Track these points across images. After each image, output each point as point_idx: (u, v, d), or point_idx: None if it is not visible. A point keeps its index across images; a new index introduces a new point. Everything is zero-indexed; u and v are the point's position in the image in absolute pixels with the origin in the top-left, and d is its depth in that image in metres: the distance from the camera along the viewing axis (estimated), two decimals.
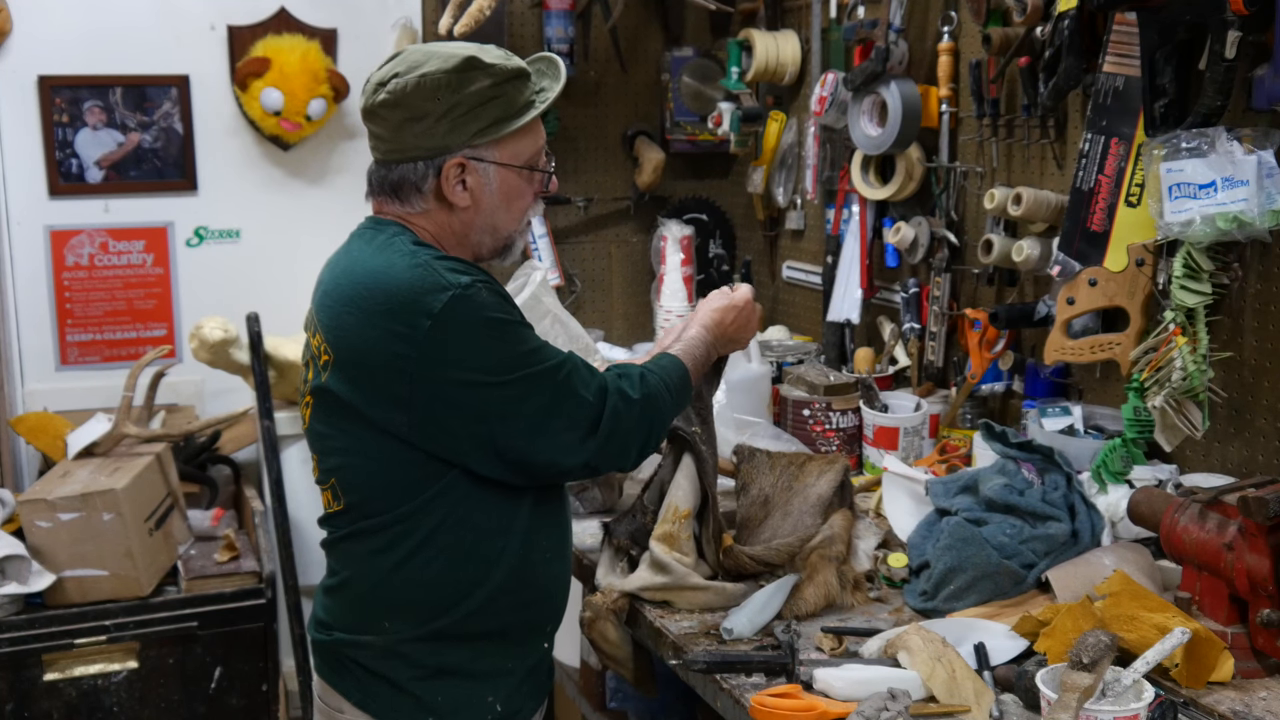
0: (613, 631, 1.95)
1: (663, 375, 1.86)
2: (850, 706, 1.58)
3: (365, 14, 3.58)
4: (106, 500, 2.81)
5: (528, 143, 1.79)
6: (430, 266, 1.69)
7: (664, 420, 1.86)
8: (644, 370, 1.85)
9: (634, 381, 1.80)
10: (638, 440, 1.80)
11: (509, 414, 1.69)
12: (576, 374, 1.74)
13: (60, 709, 2.90)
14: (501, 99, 1.73)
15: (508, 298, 1.74)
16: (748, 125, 3.34)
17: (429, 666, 1.77)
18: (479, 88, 1.71)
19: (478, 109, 1.72)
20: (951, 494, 2.05)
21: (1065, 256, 2.32)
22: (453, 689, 1.78)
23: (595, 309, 3.74)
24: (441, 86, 1.70)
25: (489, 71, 1.72)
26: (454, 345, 1.66)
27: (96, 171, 3.40)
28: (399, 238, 1.76)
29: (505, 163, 1.77)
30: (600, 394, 1.75)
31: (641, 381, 1.81)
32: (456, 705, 1.79)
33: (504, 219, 1.82)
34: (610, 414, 1.74)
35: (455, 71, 1.70)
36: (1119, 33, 2.20)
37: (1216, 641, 1.63)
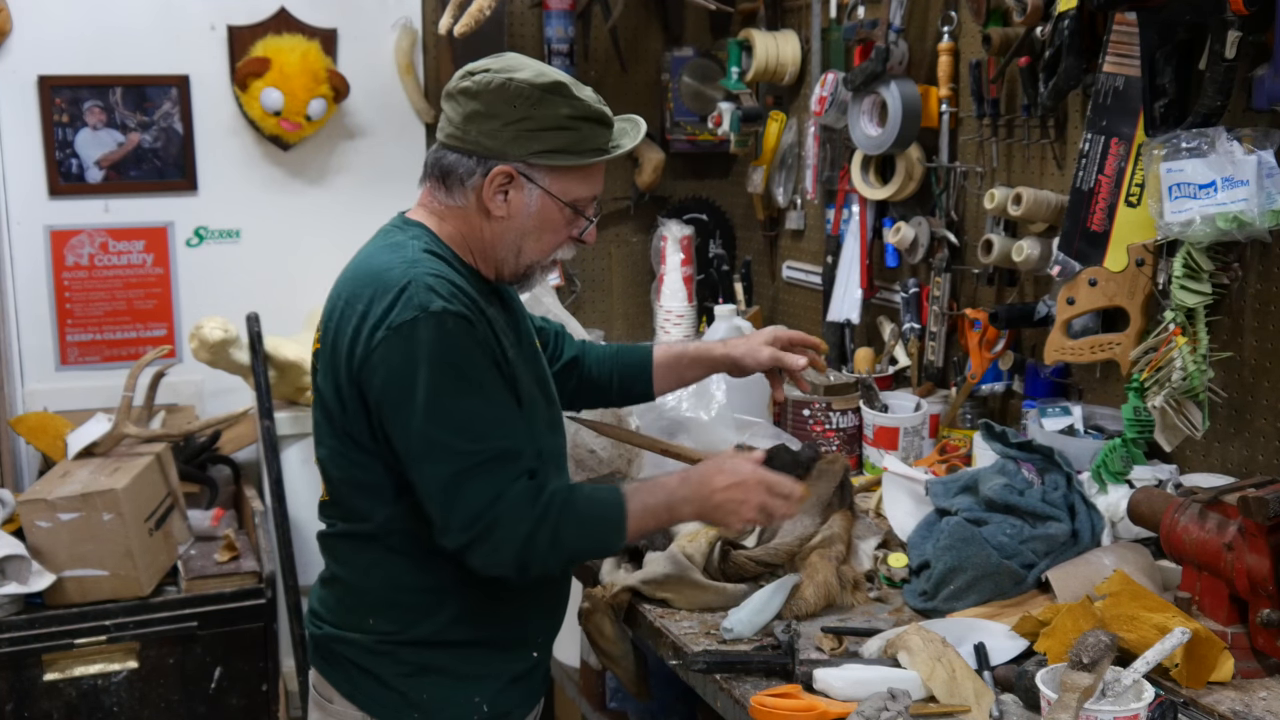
0: (609, 626, 1.95)
1: (588, 508, 1.74)
2: (850, 706, 1.58)
3: (365, 14, 3.57)
4: (106, 500, 2.81)
5: (582, 185, 1.80)
6: (419, 281, 1.67)
7: (557, 547, 1.70)
8: (572, 497, 1.73)
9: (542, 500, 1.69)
10: (510, 555, 1.68)
11: (409, 459, 1.68)
12: (491, 470, 1.65)
13: (60, 709, 2.90)
14: (574, 132, 1.75)
15: (483, 347, 1.69)
16: (748, 125, 3.34)
17: (413, 665, 1.79)
18: (557, 112, 1.73)
19: (548, 131, 1.73)
20: (951, 494, 2.05)
21: (1065, 256, 2.32)
22: (438, 687, 1.80)
23: (595, 309, 3.74)
24: (523, 96, 1.72)
25: (573, 103, 1.74)
26: (396, 365, 1.65)
27: (96, 171, 3.40)
28: (415, 240, 1.77)
29: (553, 193, 1.77)
30: (493, 504, 1.65)
31: (550, 506, 1.69)
32: (441, 703, 1.80)
33: (532, 245, 1.80)
34: (483, 528, 1.66)
35: (542, 88, 1.72)
36: (1119, 33, 2.20)
37: (1216, 641, 1.63)
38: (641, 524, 1.78)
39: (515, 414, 1.73)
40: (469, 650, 1.80)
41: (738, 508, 1.79)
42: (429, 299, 1.65)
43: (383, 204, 2.16)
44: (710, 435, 2.53)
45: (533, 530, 1.68)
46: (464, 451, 1.65)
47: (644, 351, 2.18)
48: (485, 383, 1.69)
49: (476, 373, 1.68)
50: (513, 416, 1.72)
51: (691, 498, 1.79)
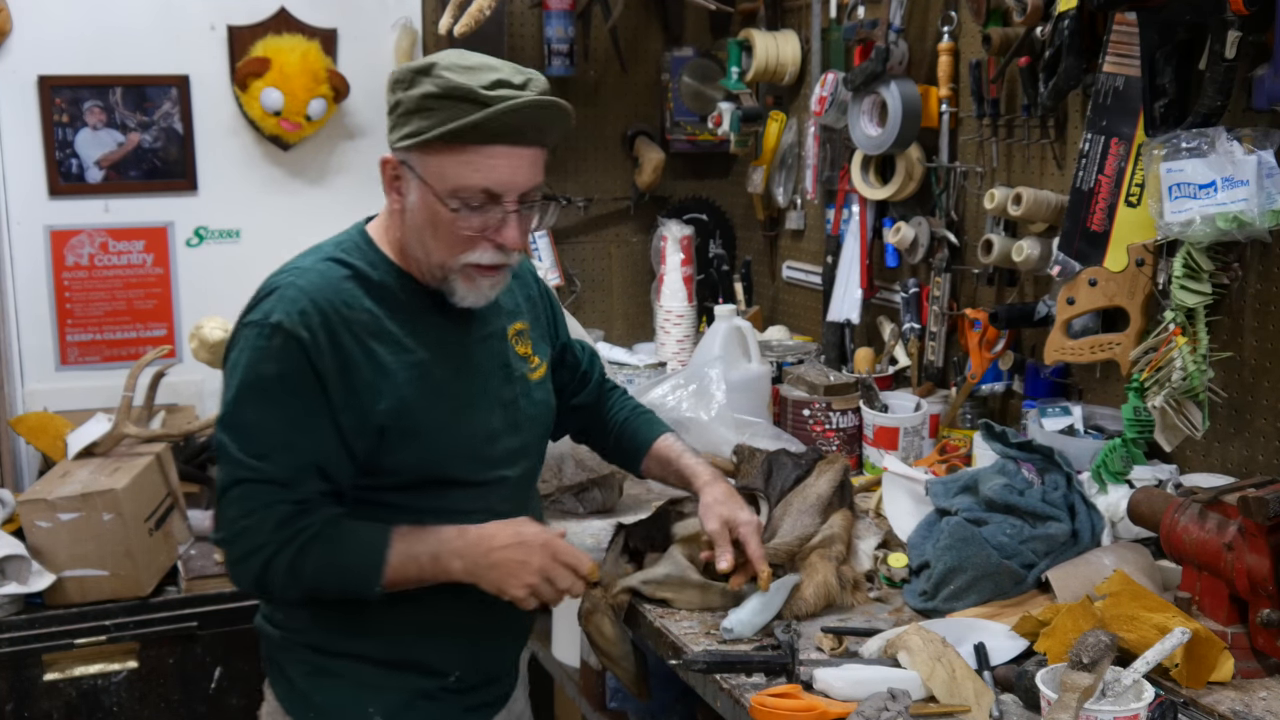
0: (609, 627, 1.94)
1: (343, 546, 1.68)
2: (850, 706, 1.58)
3: (365, 14, 3.57)
4: (106, 500, 2.81)
5: (458, 171, 1.65)
6: (285, 287, 1.68)
7: (296, 577, 1.68)
8: (330, 531, 1.68)
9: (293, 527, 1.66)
10: (248, 572, 1.69)
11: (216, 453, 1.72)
12: (260, 489, 1.65)
13: (60, 709, 2.90)
14: (434, 112, 1.63)
15: (305, 370, 1.64)
16: (748, 125, 3.34)
17: (313, 665, 1.81)
18: (420, 92, 1.64)
19: (412, 115, 1.65)
20: (951, 494, 2.05)
21: (1065, 256, 2.32)
22: (334, 692, 1.80)
23: (595, 309, 3.74)
24: (399, 82, 1.68)
25: (436, 80, 1.63)
26: (230, 362, 1.71)
27: (96, 171, 3.40)
28: (344, 237, 1.80)
29: (428, 181, 1.67)
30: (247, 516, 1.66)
31: (299, 534, 1.66)
32: (335, 708, 1.81)
33: (433, 245, 1.71)
34: (235, 534, 1.68)
35: (414, 71, 1.66)
36: (1119, 33, 2.20)
37: (1216, 641, 1.63)
38: (403, 572, 1.69)
39: (307, 443, 1.67)
40: (366, 663, 1.79)
41: (516, 570, 1.69)
42: (274, 308, 1.66)
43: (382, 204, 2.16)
44: (710, 435, 2.53)
45: (272, 555, 1.66)
46: (241, 463, 1.66)
47: (651, 435, 2.10)
48: (287, 404, 1.65)
49: (280, 392, 1.65)
50: (302, 445, 1.66)
51: (465, 552, 1.70)
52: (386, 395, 1.70)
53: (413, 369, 1.73)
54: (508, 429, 1.84)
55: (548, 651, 2.96)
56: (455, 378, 1.78)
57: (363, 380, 1.69)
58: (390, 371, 1.71)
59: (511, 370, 1.88)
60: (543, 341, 1.99)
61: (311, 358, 1.65)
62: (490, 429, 1.82)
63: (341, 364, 1.67)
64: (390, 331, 1.72)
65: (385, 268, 1.76)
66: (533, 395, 1.91)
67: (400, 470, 1.74)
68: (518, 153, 1.67)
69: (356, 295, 1.71)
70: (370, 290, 1.73)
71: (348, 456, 1.70)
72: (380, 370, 1.70)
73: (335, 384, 1.67)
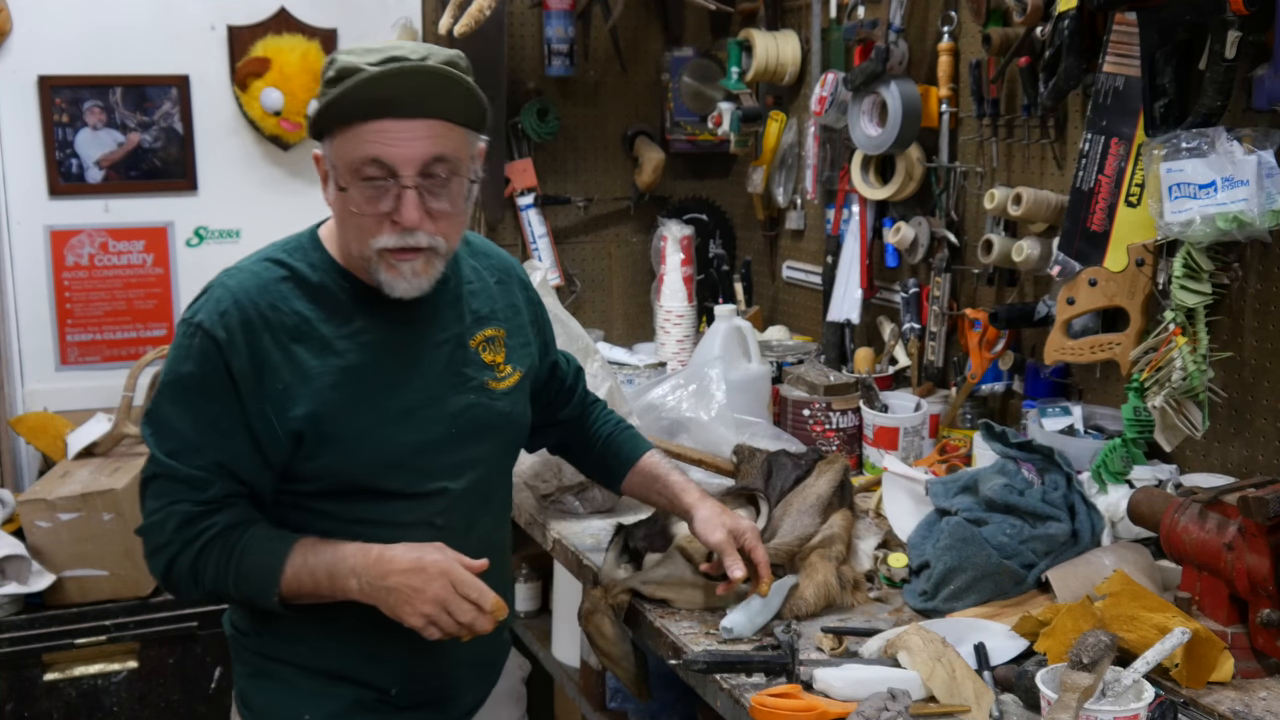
0: (609, 627, 1.94)
1: (245, 552, 1.66)
2: (850, 706, 1.58)
3: (365, 14, 3.57)
4: (106, 500, 2.81)
5: (350, 148, 1.62)
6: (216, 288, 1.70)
7: (198, 579, 1.67)
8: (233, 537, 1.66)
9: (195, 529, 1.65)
10: (157, 570, 1.70)
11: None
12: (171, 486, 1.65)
13: (60, 709, 2.90)
14: (328, 99, 1.61)
15: (220, 373, 1.64)
16: (748, 125, 3.34)
17: (254, 667, 1.81)
18: (323, 80, 1.64)
19: (319, 105, 1.63)
20: (951, 494, 2.05)
21: (1065, 256, 2.32)
22: (270, 694, 1.80)
23: (595, 309, 3.74)
24: (321, 74, 1.67)
25: (334, 64, 1.63)
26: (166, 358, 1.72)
27: (96, 171, 3.40)
28: (293, 236, 1.79)
29: (334, 166, 1.65)
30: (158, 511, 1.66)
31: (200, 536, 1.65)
32: (270, 710, 1.80)
33: (349, 234, 1.68)
34: (144, 528, 1.69)
35: (328, 62, 1.66)
36: (1119, 33, 2.20)
37: (1216, 641, 1.63)
38: (300, 584, 1.65)
39: (221, 447, 1.65)
40: (303, 670, 1.77)
41: (411, 597, 1.60)
42: (201, 308, 1.68)
43: None
44: (710, 435, 2.53)
45: (175, 555, 1.66)
46: (155, 459, 1.67)
47: (636, 453, 2.08)
48: (200, 406, 1.65)
49: (195, 393, 1.65)
50: (213, 447, 1.65)
51: (362, 571, 1.63)
52: (304, 400, 1.66)
53: (338, 374, 1.69)
54: (453, 440, 1.77)
55: (548, 651, 2.96)
56: (392, 384, 1.73)
57: (279, 384, 1.66)
58: (311, 376, 1.67)
59: (466, 379, 1.80)
60: (523, 351, 1.91)
61: (226, 359, 1.64)
62: (429, 438, 1.75)
63: (257, 367, 1.65)
64: (319, 335, 1.69)
65: (326, 269, 1.73)
66: (492, 405, 1.83)
67: (321, 478, 1.70)
68: (408, 125, 1.61)
69: (287, 297, 1.69)
70: (307, 292, 1.70)
71: (262, 461, 1.67)
72: (300, 374, 1.67)
73: (249, 387, 1.65)
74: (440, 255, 1.70)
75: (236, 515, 1.68)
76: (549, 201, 3.59)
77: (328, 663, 1.77)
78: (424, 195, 1.64)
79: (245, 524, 1.68)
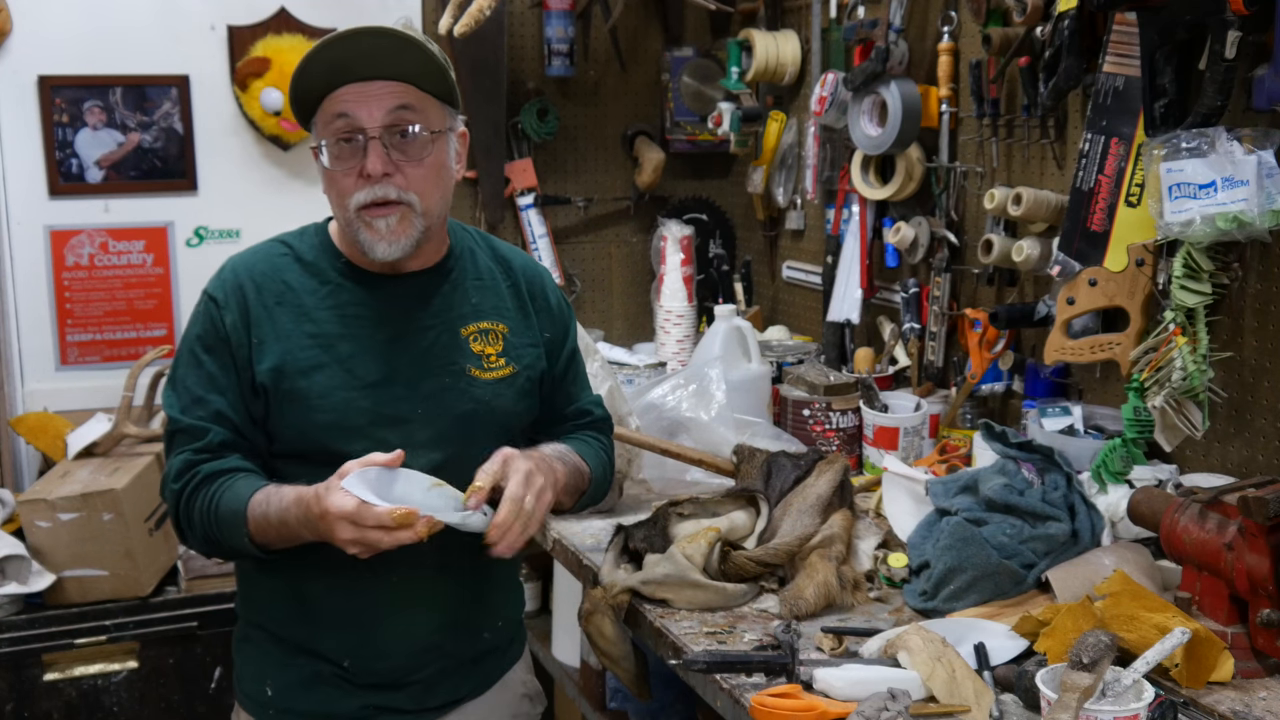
0: (609, 627, 1.94)
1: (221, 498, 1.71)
2: (850, 706, 1.58)
3: (365, 14, 3.57)
4: (106, 500, 2.81)
5: (321, 118, 1.76)
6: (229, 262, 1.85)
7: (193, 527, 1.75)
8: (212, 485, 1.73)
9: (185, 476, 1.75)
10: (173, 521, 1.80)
11: None
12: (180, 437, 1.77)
13: (60, 709, 2.90)
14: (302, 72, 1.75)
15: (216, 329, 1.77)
16: (748, 125, 3.34)
17: (241, 633, 1.92)
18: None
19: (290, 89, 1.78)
20: (951, 494, 2.05)
21: (1065, 256, 2.32)
22: (247, 661, 1.90)
23: (595, 309, 3.74)
24: None
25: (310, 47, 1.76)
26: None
27: (96, 171, 3.40)
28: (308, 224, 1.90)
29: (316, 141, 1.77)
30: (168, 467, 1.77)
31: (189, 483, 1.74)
32: (245, 675, 1.90)
33: (333, 203, 1.79)
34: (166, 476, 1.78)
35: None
36: (1119, 33, 2.20)
37: (1216, 641, 1.63)
38: (265, 524, 1.69)
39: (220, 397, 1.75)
40: (266, 638, 1.86)
41: (331, 538, 1.62)
42: (212, 278, 1.83)
43: None
44: (710, 435, 2.53)
45: (175, 503, 1.76)
46: (172, 416, 1.78)
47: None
48: (201, 361, 1.77)
49: (201, 351, 1.78)
50: (215, 399, 1.75)
51: (296, 517, 1.67)
52: (272, 356, 1.76)
53: (309, 338, 1.78)
54: (421, 420, 1.80)
55: (548, 651, 2.96)
56: (365, 356, 1.79)
57: (257, 339, 1.77)
58: (284, 335, 1.77)
59: (447, 362, 1.83)
60: (526, 349, 1.91)
61: (221, 315, 1.77)
62: (395, 413, 1.79)
63: (244, 323, 1.77)
64: (300, 303, 1.79)
65: (323, 250, 1.84)
66: (470, 391, 1.84)
67: (282, 437, 1.78)
68: (368, 86, 1.72)
69: (281, 269, 1.82)
70: (302, 267, 1.82)
71: (248, 415, 1.77)
72: (275, 333, 1.77)
73: (237, 340, 1.76)
74: (416, 213, 1.75)
75: (224, 464, 1.75)
76: (549, 201, 3.59)
77: (292, 632, 1.84)
78: (390, 150, 1.72)
79: (231, 472, 1.75)
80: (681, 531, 2.05)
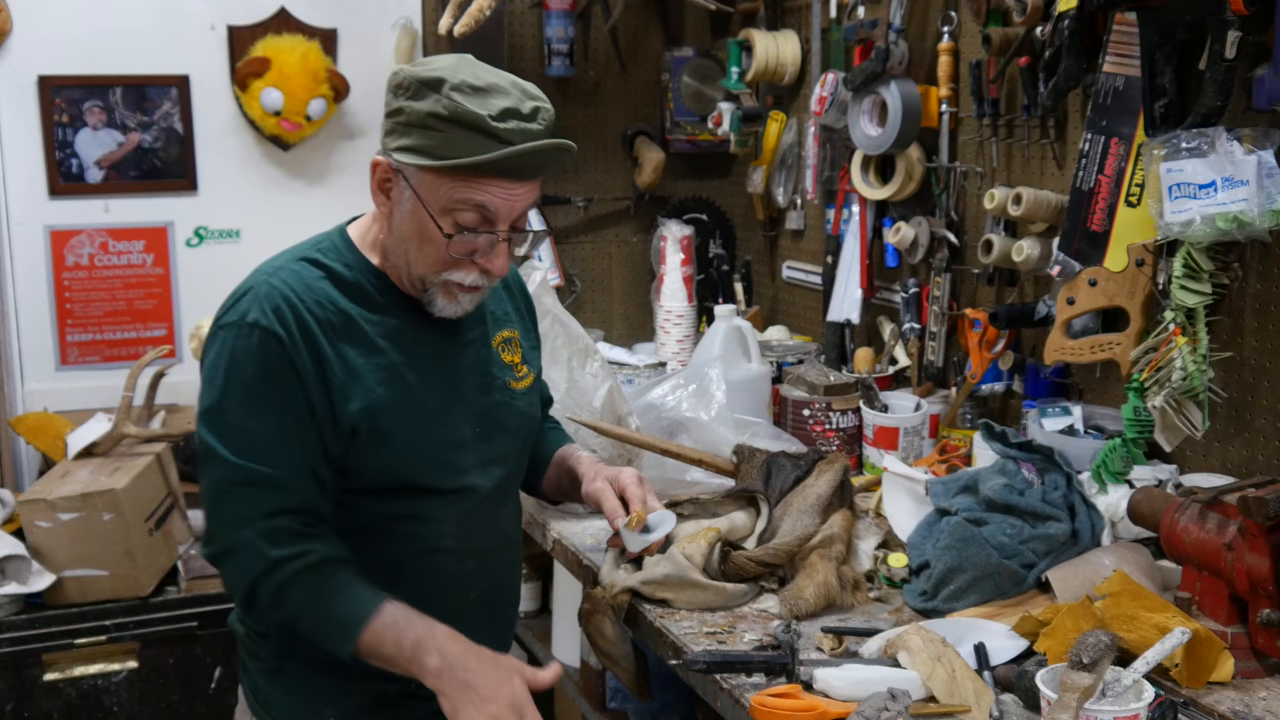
0: (609, 627, 1.94)
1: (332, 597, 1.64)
2: (850, 706, 1.58)
3: (365, 14, 3.58)
4: (106, 500, 2.81)
5: (455, 196, 1.64)
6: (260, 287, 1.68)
7: (278, 609, 1.66)
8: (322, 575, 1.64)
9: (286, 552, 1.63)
10: (238, 589, 1.67)
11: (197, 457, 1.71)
12: (254, 492, 1.63)
13: (60, 709, 2.90)
14: (438, 133, 1.62)
15: (285, 368, 1.64)
16: (748, 125, 3.34)
17: (274, 664, 1.80)
18: (426, 109, 1.62)
19: (415, 127, 1.63)
20: (951, 494, 2.05)
21: (1065, 256, 2.32)
22: (289, 691, 1.80)
23: (595, 309, 3.74)
24: (402, 88, 1.65)
25: (443, 102, 1.61)
26: (206, 364, 1.69)
27: (96, 171, 3.40)
28: (322, 237, 1.78)
29: (421, 196, 1.66)
30: (244, 526, 1.64)
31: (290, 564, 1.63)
32: (289, 707, 1.80)
33: (415, 256, 1.70)
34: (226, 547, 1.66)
35: (421, 81, 1.63)
36: (1119, 33, 2.20)
37: (1216, 641, 1.63)
38: (379, 641, 1.63)
39: (295, 443, 1.65)
40: (325, 666, 1.73)
41: (479, 701, 1.60)
42: (250, 307, 1.66)
43: None
44: (710, 435, 2.52)
45: (260, 576, 1.64)
46: (230, 464, 1.64)
47: (553, 446, 2.11)
48: (270, 404, 1.64)
49: (263, 392, 1.65)
50: (290, 444, 1.65)
51: (447, 651, 1.63)
52: (357, 396, 1.68)
53: (383, 371, 1.71)
54: (479, 438, 1.81)
55: (548, 651, 2.96)
56: (428, 382, 1.75)
57: (335, 380, 1.67)
58: (360, 374, 1.69)
59: (492, 378, 1.85)
60: (533, 354, 1.96)
61: (290, 355, 1.65)
62: (460, 437, 1.79)
63: (316, 362, 1.66)
64: (363, 333, 1.71)
65: (361, 268, 1.75)
66: (514, 405, 1.88)
67: (367, 473, 1.71)
68: (518, 185, 1.67)
69: (330, 295, 1.71)
70: (345, 291, 1.72)
71: (325, 457, 1.68)
72: (350, 372, 1.69)
73: (313, 382, 1.66)
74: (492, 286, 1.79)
75: (332, 548, 1.67)
76: (549, 201, 3.59)
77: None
78: (510, 244, 1.71)
79: (340, 561, 1.67)
80: (681, 532, 2.05)
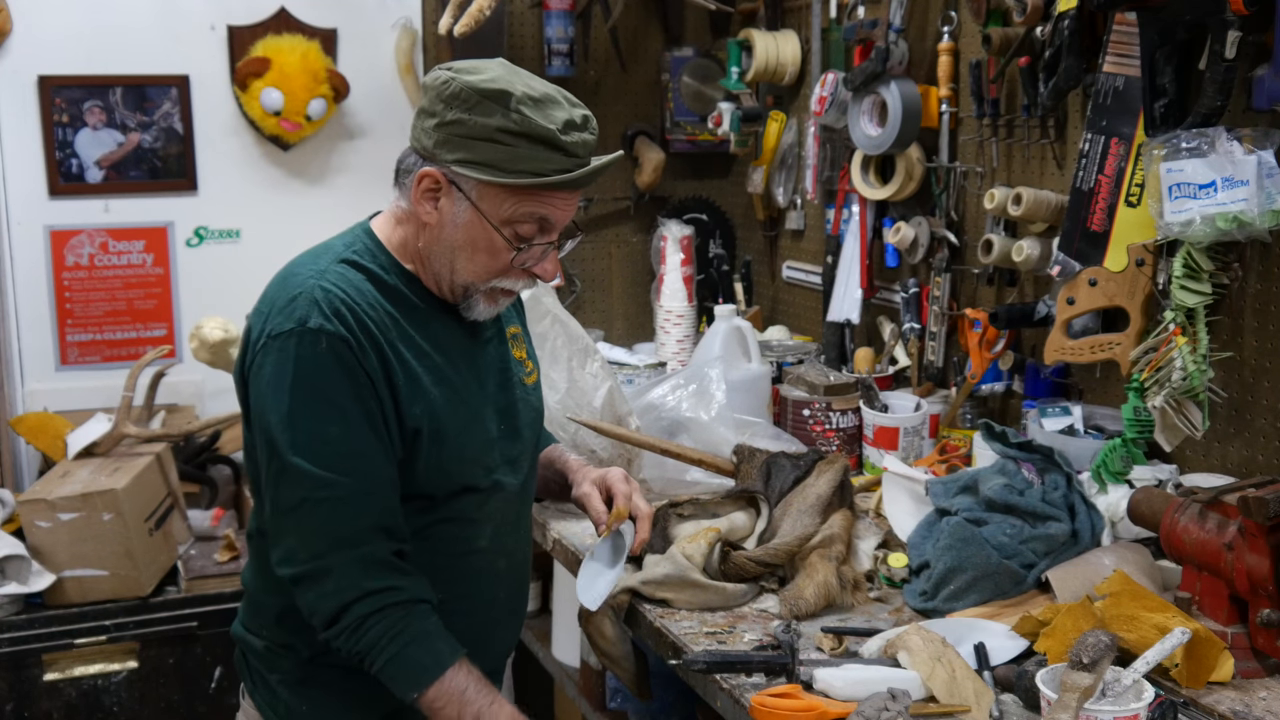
0: (609, 628, 1.95)
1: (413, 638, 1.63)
2: (850, 706, 1.58)
3: (365, 14, 3.58)
4: (106, 500, 2.81)
5: (520, 208, 1.66)
6: (311, 293, 1.63)
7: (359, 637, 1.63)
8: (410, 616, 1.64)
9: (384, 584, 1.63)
10: (327, 611, 1.63)
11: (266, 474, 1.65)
12: (341, 506, 1.61)
13: (60, 709, 2.90)
14: (506, 148, 1.62)
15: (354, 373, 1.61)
16: (748, 125, 3.34)
17: (298, 675, 1.78)
18: (490, 121, 1.62)
19: (478, 141, 1.63)
20: (951, 494, 2.05)
21: (1065, 256, 2.32)
22: (318, 702, 1.78)
23: (595, 309, 3.74)
24: (460, 99, 1.62)
25: (511, 116, 1.61)
26: (267, 376, 1.63)
27: (96, 171, 3.40)
28: (344, 246, 1.73)
29: (481, 209, 1.66)
30: (336, 545, 1.61)
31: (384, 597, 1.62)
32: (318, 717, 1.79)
33: (464, 264, 1.70)
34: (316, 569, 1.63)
35: (481, 93, 1.61)
36: (1119, 33, 2.20)
37: (1216, 641, 1.63)
38: (445, 696, 1.63)
39: (376, 449, 1.64)
40: (353, 674, 1.71)
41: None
42: (309, 313, 1.61)
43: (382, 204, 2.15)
44: (710, 435, 2.53)
45: (350, 604, 1.62)
46: (313, 477, 1.60)
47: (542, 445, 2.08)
48: (348, 410, 1.62)
49: (340, 398, 1.61)
50: (372, 451, 1.63)
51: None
52: (418, 399, 1.68)
53: (433, 373, 1.71)
54: (504, 435, 1.82)
55: (548, 651, 2.96)
56: (465, 382, 1.76)
57: (399, 382, 1.66)
58: (416, 375, 1.68)
59: (510, 374, 1.86)
60: (531, 348, 1.98)
61: (359, 359, 1.63)
62: (490, 435, 1.79)
63: (382, 365, 1.65)
64: (409, 336, 1.70)
65: (396, 272, 1.73)
66: (530, 400, 1.89)
67: (418, 476, 1.70)
68: (575, 195, 1.73)
69: (378, 298, 1.69)
70: (385, 294, 1.70)
71: (396, 461, 1.67)
72: (408, 374, 1.68)
73: (382, 386, 1.65)
74: None
75: (420, 588, 1.67)
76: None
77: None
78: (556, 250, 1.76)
79: (425, 604, 1.67)
80: (682, 532, 2.05)
